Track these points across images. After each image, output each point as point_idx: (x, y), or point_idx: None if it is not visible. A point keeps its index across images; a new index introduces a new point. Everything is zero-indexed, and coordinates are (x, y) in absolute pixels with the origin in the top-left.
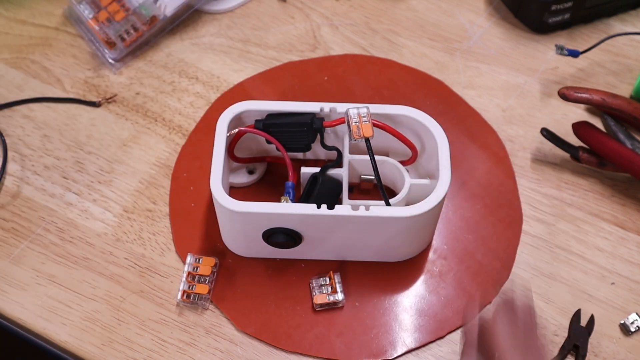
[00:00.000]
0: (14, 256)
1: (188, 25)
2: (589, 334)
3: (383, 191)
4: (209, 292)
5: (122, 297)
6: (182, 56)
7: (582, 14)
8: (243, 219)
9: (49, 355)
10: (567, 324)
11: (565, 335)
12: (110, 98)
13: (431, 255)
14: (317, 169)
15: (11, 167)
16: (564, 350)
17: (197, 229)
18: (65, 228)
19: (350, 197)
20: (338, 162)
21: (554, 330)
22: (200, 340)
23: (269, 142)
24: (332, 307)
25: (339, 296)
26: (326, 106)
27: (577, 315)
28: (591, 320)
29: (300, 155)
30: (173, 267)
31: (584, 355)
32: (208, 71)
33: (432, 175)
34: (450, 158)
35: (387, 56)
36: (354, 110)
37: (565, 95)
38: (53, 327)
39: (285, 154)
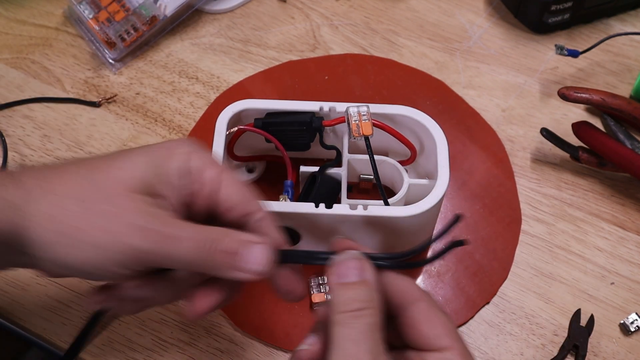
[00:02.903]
0: None
1: (188, 25)
2: (589, 333)
3: (382, 190)
4: None
5: None
6: (182, 56)
7: (582, 14)
8: None
9: (49, 355)
10: (566, 324)
11: (565, 335)
12: (110, 98)
13: (430, 255)
14: (316, 168)
15: (11, 167)
16: (563, 350)
17: None
18: None
19: (349, 197)
20: (337, 162)
21: (554, 330)
22: (200, 340)
23: (268, 140)
24: None
25: None
26: (325, 105)
27: (577, 315)
28: (591, 320)
29: (299, 154)
30: None
31: (584, 355)
32: (208, 71)
33: (431, 175)
34: (449, 158)
35: (387, 56)
36: (354, 108)
37: (565, 95)
38: (53, 327)
39: (284, 152)
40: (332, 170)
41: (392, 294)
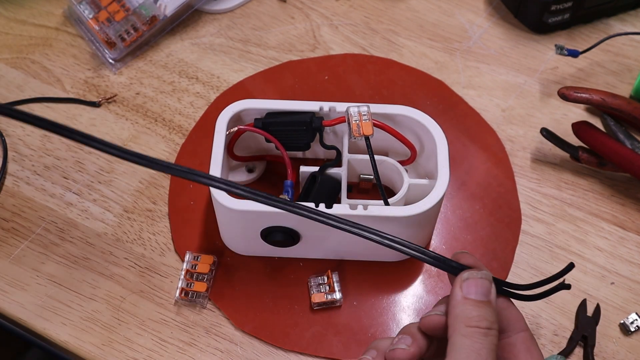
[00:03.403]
0: (14, 256)
1: (188, 25)
2: (596, 323)
3: (382, 190)
4: (207, 290)
5: (122, 297)
6: (182, 56)
7: (582, 14)
8: (241, 217)
9: (49, 355)
10: (567, 323)
11: (565, 335)
12: (110, 98)
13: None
14: (316, 168)
15: (11, 167)
16: (572, 342)
17: (196, 227)
18: (65, 228)
19: (349, 197)
20: (337, 161)
21: (554, 330)
22: (200, 340)
23: (268, 140)
24: (329, 306)
25: (337, 295)
26: (325, 105)
27: (583, 305)
28: (597, 310)
29: (299, 154)
30: (173, 267)
31: (593, 345)
32: (208, 71)
33: (431, 175)
34: (449, 158)
35: (387, 56)
36: (355, 108)
37: (565, 95)
38: (53, 327)
39: (284, 152)
40: (332, 170)
41: (504, 318)
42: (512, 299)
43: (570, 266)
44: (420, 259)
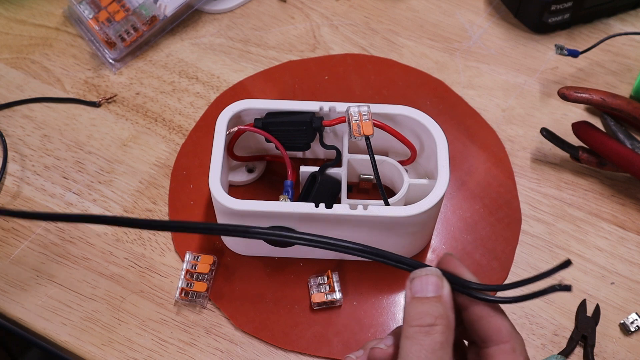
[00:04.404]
0: (14, 256)
1: (188, 25)
2: (596, 323)
3: (382, 190)
4: (207, 290)
5: (122, 297)
6: (182, 56)
7: (582, 14)
8: (241, 218)
9: (49, 355)
10: (567, 323)
11: (565, 335)
12: (110, 98)
13: (429, 255)
14: (316, 168)
15: (11, 167)
16: (572, 342)
17: None
18: (65, 228)
19: (349, 197)
20: (337, 161)
21: (554, 330)
22: (200, 340)
23: (268, 140)
24: (330, 306)
25: (337, 295)
26: (325, 105)
27: (582, 305)
28: (597, 310)
29: (299, 154)
30: (173, 267)
31: (593, 345)
32: (208, 71)
33: (431, 175)
34: (449, 158)
35: (387, 56)
36: (355, 108)
37: (565, 95)
38: (53, 327)
39: (284, 152)
40: (332, 170)
41: (482, 328)
42: (500, 306)
43: (567, 263)
44: (385, 263)
